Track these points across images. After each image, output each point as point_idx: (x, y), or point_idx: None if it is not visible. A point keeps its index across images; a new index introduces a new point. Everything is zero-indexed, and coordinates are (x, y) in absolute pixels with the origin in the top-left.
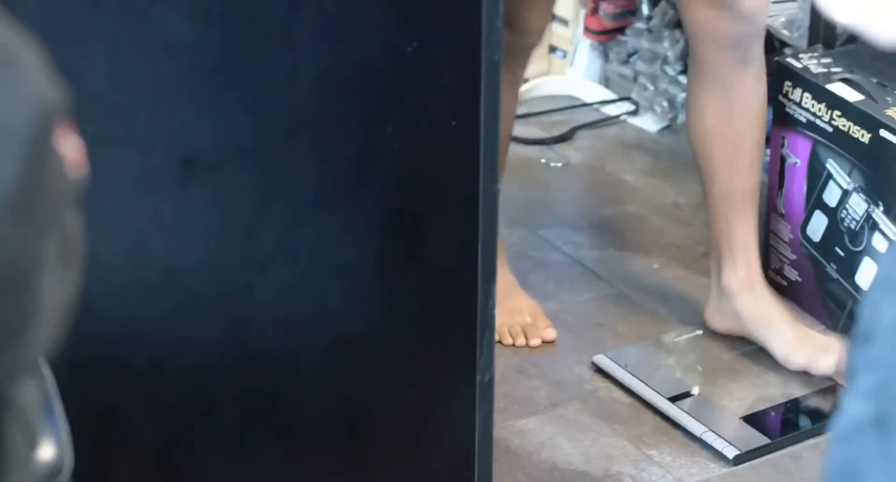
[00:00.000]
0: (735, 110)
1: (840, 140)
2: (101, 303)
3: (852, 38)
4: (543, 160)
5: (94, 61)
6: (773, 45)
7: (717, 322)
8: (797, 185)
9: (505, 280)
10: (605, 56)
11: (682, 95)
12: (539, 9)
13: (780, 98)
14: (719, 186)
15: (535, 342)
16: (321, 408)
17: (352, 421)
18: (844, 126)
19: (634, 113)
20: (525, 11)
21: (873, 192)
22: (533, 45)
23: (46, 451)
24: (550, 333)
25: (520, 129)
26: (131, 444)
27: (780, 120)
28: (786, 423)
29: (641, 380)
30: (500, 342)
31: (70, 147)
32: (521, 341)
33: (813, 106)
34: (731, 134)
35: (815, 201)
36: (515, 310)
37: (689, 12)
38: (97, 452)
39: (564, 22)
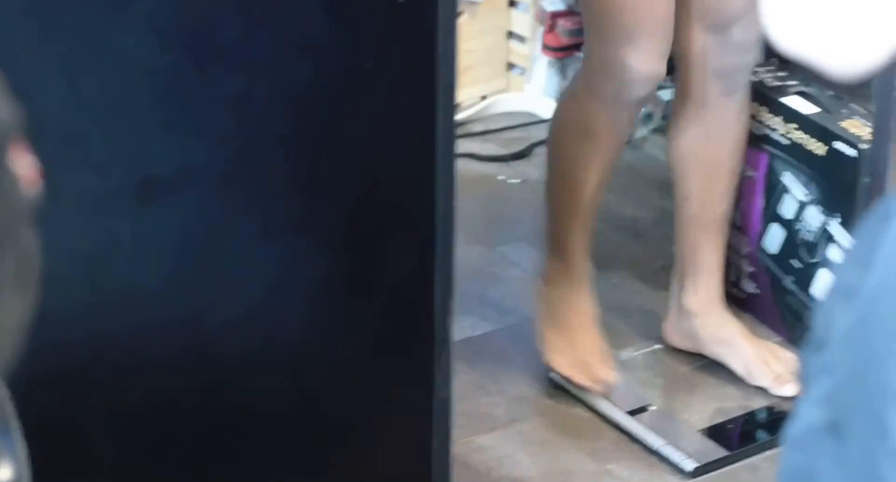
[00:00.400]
0: (715, 137)
1: (796, 153)
2: (60, 324)
3: None
4: (501, 177)
5: (51, 83)
6: None
7: (676, 340)
8: (754, 198)
9: (584, 312)
10: (563, 72)
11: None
12: (650, 49)
13: None
14: (691, 209)
15: (596, 385)
16: (280, 426)
17: (311, 438)
18: (800, 139)
19: None
20: (632, 52)
21: (830, 204)
22: (642, 97)
23: (4, 472)
24: (610, 375)
25: (477, 146)
26: (90, 464)
27: None
28: (744, 436)
29: (600, 395)
30: (567, 379)
31: (25, 165)
32: (579, 379)
33: (769, 119)
34: (709, 160)
35: (771, 214)
36: (581, 348)
37: (681, 37)
38: (55, 472)
39: (522, 39)
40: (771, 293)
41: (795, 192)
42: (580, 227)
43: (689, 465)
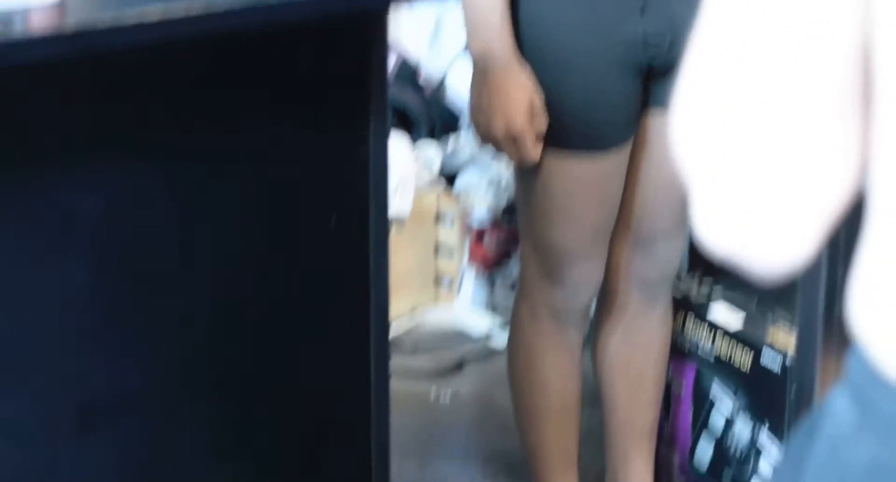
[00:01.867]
0: (638, 347)
1: (723, 364)
2: None
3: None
4: (433, 393)
5: None
6: None
7: None
8: (682, 412)
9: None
10: (492, 283)
11: None
12: (590, 256)
13: None
14: (619, 418)
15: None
16: None
17: None
18: (727, 350)
19: None
20: (572, 262)
21: (758, 414)
22: (586, 304)
23: None
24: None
25: (408, 362)
26: None
27: None
28: None
29: None
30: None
31: None
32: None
33: (695, 331)
34: (633, 369)
35: (700, 428)
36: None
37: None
38: None
39: (450, 252)
40: None
41: (723, 406)
42: (564, 467)
43: None
